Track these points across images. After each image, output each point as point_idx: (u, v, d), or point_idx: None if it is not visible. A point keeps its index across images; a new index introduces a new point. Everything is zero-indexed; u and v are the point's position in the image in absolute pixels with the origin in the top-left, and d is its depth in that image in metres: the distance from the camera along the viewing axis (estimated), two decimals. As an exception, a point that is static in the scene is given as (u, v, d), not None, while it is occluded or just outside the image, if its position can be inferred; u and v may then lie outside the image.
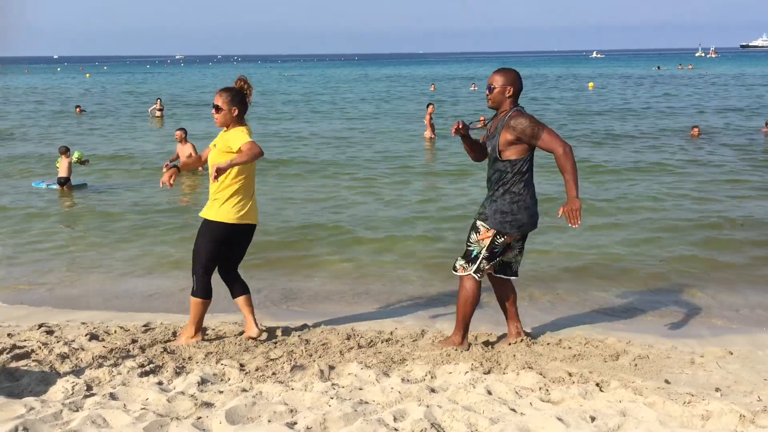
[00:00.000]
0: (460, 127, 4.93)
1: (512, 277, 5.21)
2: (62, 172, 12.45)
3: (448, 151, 17.31)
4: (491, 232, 4.86)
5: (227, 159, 4.91)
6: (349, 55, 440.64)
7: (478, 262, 4.94)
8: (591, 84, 46.56)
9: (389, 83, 57.06)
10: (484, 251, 4.92)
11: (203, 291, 5.23)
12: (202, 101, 36.72)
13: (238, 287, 5.41)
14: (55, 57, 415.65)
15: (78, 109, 29.77)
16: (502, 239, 4.90)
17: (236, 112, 5.14)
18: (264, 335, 5.44)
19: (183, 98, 40.02)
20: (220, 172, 4.77)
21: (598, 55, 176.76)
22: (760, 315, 6.38)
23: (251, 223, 5.27)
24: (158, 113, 27.38)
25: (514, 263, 5.17)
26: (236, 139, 5.01)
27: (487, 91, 4.91)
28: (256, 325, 5.39)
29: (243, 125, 5.17)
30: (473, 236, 4.94)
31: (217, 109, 5.15)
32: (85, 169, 14.12)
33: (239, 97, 5.17)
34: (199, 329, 5.37)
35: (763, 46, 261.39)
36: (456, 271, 5.06)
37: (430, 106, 19.64)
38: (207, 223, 5.18)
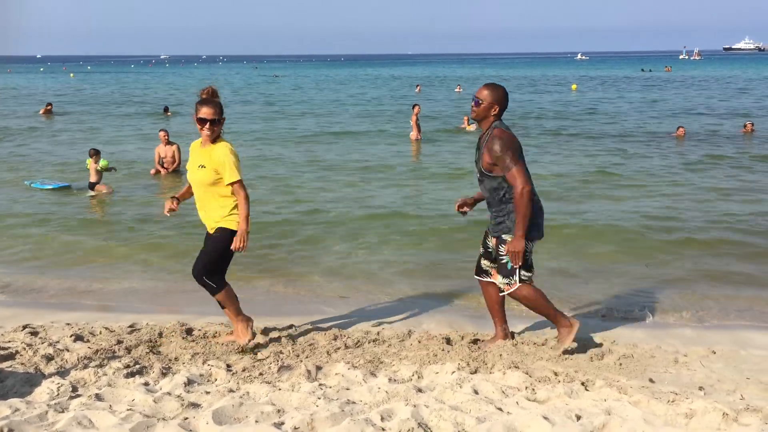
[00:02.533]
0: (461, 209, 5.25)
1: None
2: (92, 177, 12.47)
3: (433, 152, 17.36)
4: None
5: (212, 187, 5.00)
6: (336, 55, 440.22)
7: (517, 273, 4.94)
8: (574, 86, 46.78)
9: (376, 83, 57.07)
10: None
11: (221, 282, 5.17)
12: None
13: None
14: (38, 56, 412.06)
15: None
16: (532, 244, 4.97)
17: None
18: (252, 343, 5.34)
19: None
20: (244, 241, 4.98)
21: (583, 58, 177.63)
22: (743, 315, 6.44)
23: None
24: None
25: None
26: (226, 166, 4.92)
27: (474, 104, 4.95)
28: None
29: (224, 140, 5.06)
30: (502, 249, 4.94)
31: (213, 123, 4.94)
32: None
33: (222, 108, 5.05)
34: (243, 315, 5.32)
35: (745, 49, 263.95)
36: (503, 292, 5.03)
37: (416, 107, 19.68)
38: (231, 234, 5.04)
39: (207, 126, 4.91)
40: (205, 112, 4.91)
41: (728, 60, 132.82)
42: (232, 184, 4.96)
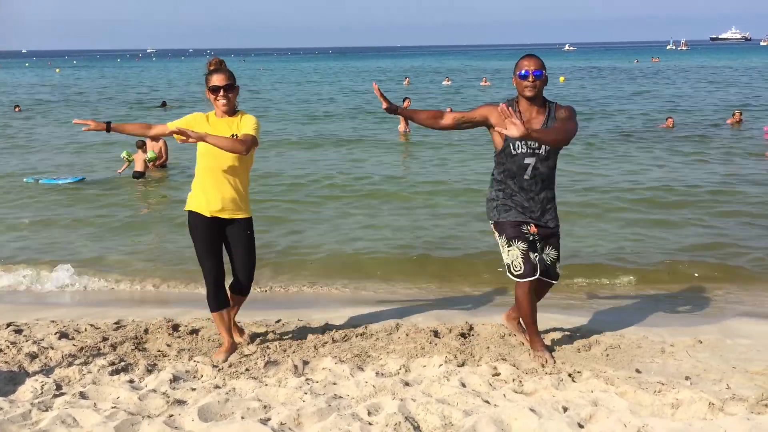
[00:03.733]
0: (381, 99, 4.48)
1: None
2: (138, 167, 13.21)
3: (422, 144, 17.32)
4: None
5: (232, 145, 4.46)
6: (324, 48, 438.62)
7: None
8: (562, 78, 46.81)
9: (364, 76, 56.91)
10: None
11: None
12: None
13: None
14: (24, 51, 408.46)
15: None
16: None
17: None
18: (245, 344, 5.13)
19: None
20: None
21: (571, 48, 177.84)
22: (729, 304, 6.47)
23: None
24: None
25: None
26: (256, 130, 4.61)
27: (536, 78, 4.35)
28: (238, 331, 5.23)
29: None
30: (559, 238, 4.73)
31: (227, 89, 4.55)
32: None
33: None
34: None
35: (732, 39, 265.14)
36: (559, 278, 4.83)
37: (406, 101, 19.64)
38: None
39: (221, 93, 4.54)
40: (217, 79, 4.55)
41: (715, 50, 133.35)
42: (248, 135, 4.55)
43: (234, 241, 4.83)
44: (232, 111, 4.65)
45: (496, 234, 4.63)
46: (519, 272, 4.54)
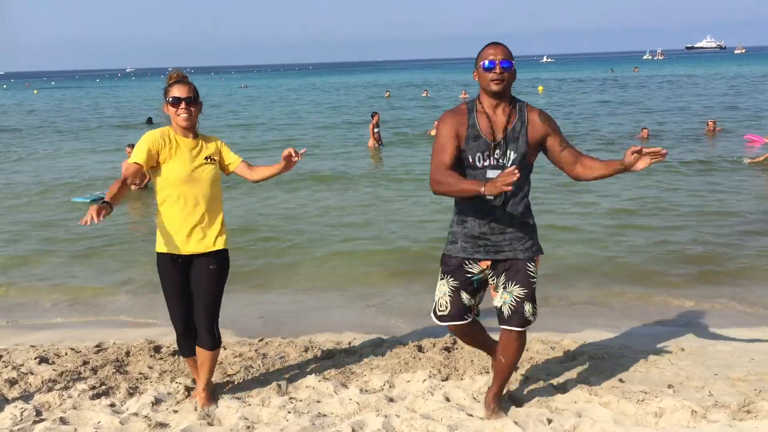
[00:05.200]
0: None
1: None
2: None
3: (391, 159, 17.37)
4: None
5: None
6: (304, 64, 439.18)
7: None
8: (540, 88, 47.22)
9: (343, 91, 57.07)
10: None
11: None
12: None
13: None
14: (1, 73, 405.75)
15: None
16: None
17: None
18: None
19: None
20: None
21: (549, 60, 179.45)
22: (709, 311, 6.52)
23: None
24: None
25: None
26: (229, 150, 4.23)
27: (505, 70, 3.61)
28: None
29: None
30: (532, 267, 3.81)
31: (189, 102, 3.99)
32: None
33: None
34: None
35: (707, 47, 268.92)
36: (530, 324, 3.82)
37: (375, 116, 19.80)
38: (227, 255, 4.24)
39: (182, 106, 3.97)
40: (179, 90, 3.98)
41: (690, 59, 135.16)
42: (240, 164, 4.22)
43: (196, 279, 4.14)
44: (193, 130, 4.11)
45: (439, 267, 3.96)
46: (442, 313, 3.86)
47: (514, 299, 3.74)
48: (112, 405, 4.31)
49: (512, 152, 3.65)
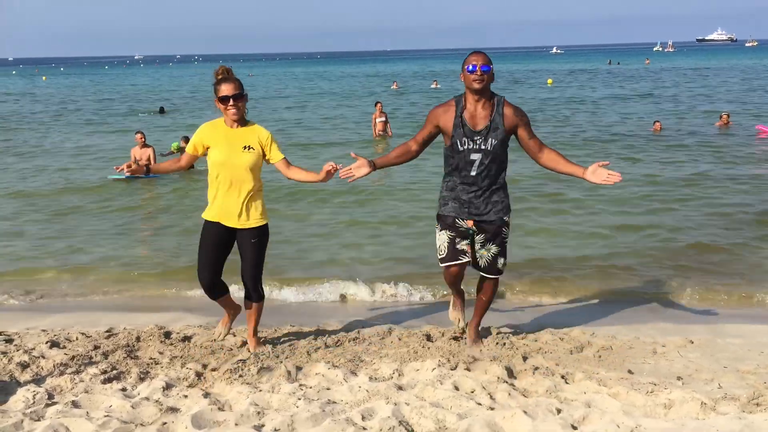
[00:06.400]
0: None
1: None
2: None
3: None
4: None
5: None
6: (312, 53, 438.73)
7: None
8: (550, 80, 47.00)
9: (352, 81, 56.97)
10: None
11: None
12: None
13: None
14: (10, 59, 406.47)
15: None
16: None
17: None
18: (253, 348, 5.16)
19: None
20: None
21: (558, 51, 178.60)
22: (719, 303, 6.52)
23: None
24: None
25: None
26: (274, 144, 4.83)
27: (483, 72, 4.54)
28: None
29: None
30: (506, 230, 4.83)
31: (236, 98, 4.67)
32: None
33: None
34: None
35: (718, 40, 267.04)
36: (501, 273, 4.95)
37: (378, 105, 19.84)
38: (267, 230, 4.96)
39: (231, 103, 4.65)
40: (226, 88, 4.65)
41: (701, 51, 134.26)
42: (280, 161, 4.86)
43: (241, 249, 4.91)
44: (242, 120, 4.78)
45: (436, 224, 4.88)
46: (441, 255, 4.82)
47: (491, 255, 4.84)
48: (124, 389, 4.34)
49: (492, 139, 4.61)
